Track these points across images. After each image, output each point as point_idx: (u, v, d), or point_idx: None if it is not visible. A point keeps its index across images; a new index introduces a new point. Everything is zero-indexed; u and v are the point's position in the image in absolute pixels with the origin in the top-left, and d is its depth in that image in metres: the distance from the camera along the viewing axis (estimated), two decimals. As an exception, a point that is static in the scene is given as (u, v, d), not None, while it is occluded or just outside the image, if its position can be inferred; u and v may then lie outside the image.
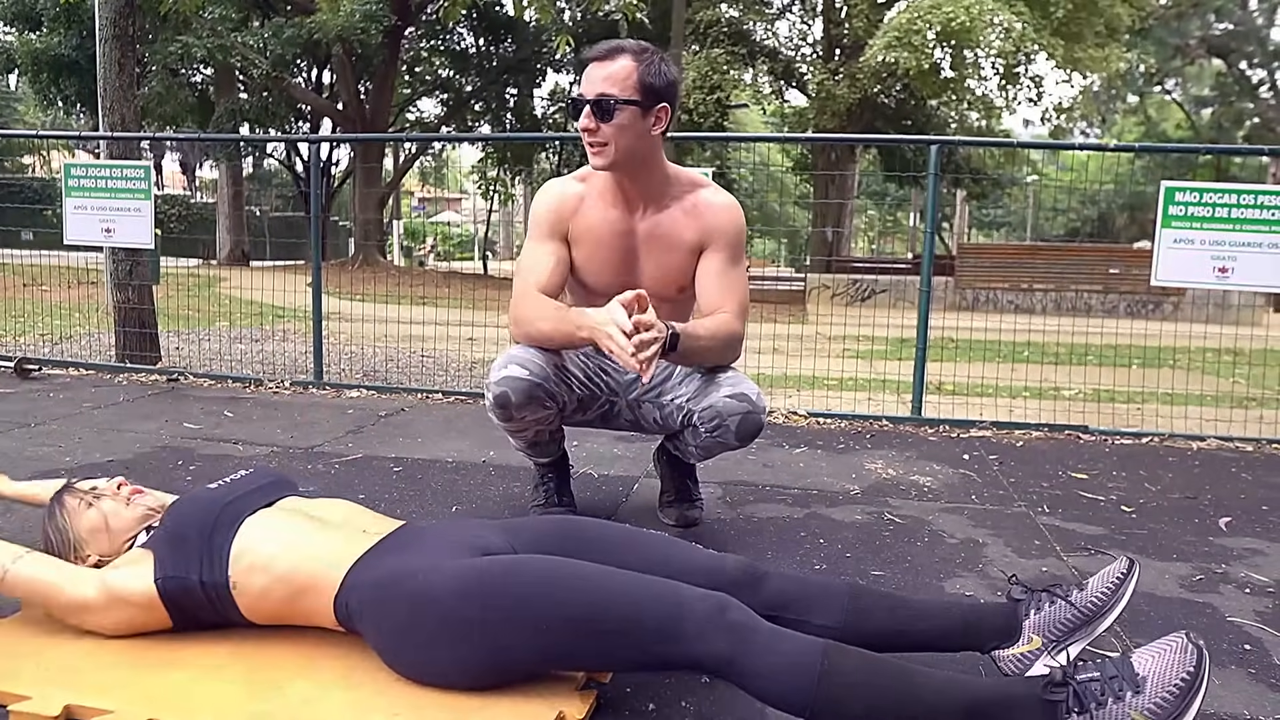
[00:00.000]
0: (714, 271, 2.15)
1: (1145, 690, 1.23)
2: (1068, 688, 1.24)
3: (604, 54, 2.00)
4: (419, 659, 1.45)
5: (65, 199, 4.28)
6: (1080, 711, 1.23)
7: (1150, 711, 1.22)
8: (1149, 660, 1.27)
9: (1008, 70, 15.71)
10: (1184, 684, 1.23)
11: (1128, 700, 1.23)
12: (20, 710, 1.38)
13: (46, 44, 16.91)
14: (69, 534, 1.70)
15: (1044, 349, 6.82)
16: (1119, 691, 1.23)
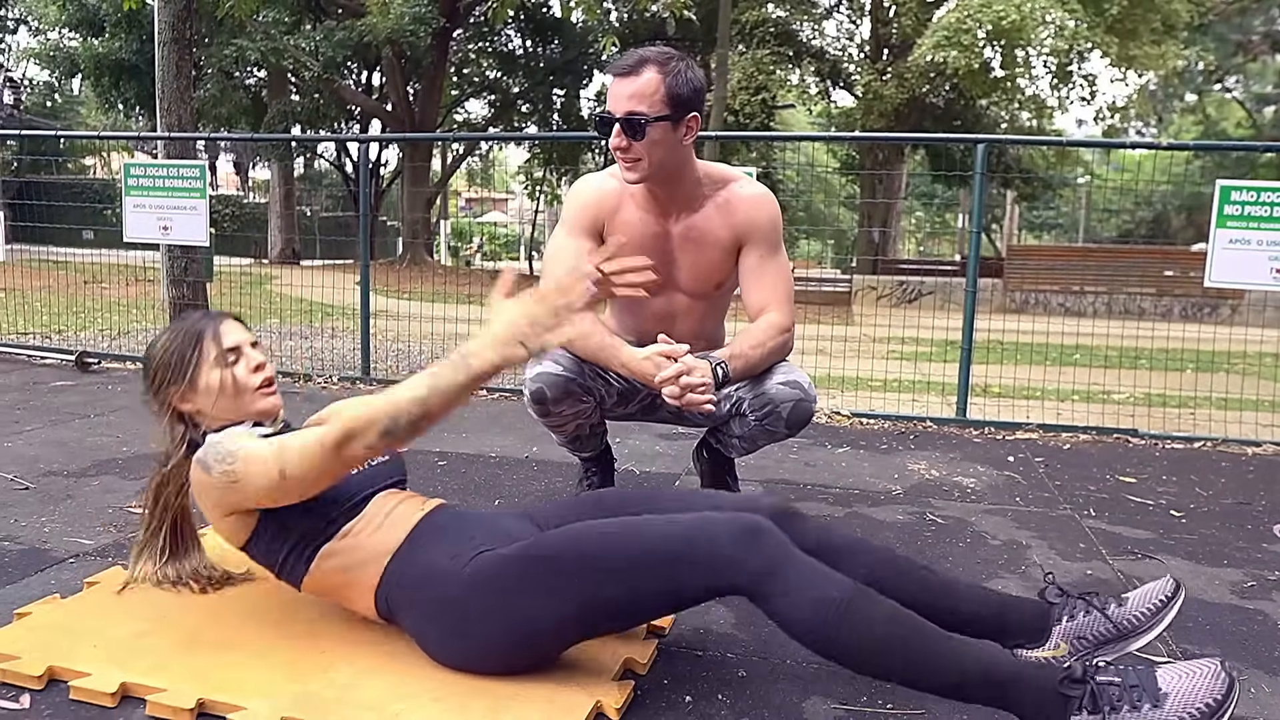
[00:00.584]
0: (754, 268, 2.15)
1: (1164, 706, 1.21)
2: (1085, 686, 1.23)
3: (628, 68, 1.96)
4: (458, 645, 1.47)
5: (125, 198, 4.41)
6: (1093, 712, 1.22)
7: None
8: (1175, 678, 1.24)
9: (1060, 69, 15.43)
10: (1207, 710, 1.20)
11: (1144, 712, 1.21)
12: (79, 686, 1.44)
13: (108, 49, 17.41)
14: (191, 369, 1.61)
15: (1094, 352, 6.69)
16: (1136, 701, 1.22)
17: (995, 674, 1.28)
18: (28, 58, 23.57)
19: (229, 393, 1.61)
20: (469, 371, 1.36)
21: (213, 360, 1.61)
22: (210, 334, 1.62)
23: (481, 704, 1.40)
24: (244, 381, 1.62)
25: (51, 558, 2.02)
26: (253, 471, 1.46)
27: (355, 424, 1.39)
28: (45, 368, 4.47)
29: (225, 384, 1.61)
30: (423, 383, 1.38)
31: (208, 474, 1.51)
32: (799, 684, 1.57)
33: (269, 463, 1.45)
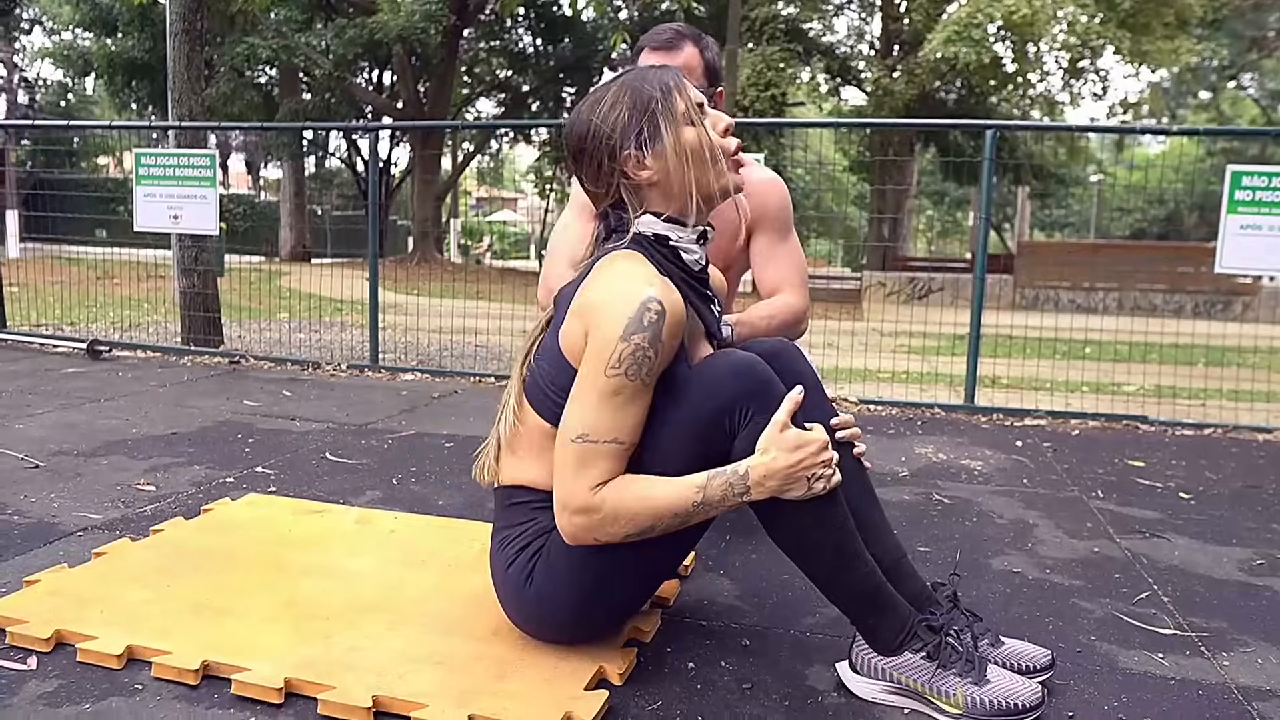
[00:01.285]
0: (765, 251, 2.13)
1: (981, 687, 1.34)
2: (937, 638, 1.37)
3: (668, 43, 1.98)
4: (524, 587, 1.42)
5: (136, 187, 4.44)
6: (928, 659, 1.36)
7: (970, 701, 1.33)
8: (1002, 677, 1.37)
9: (1072, 64, 15.35)
10: (1009, 708, 1.33)
11: (964, 682, 1.34)
12: (86, 648, 1.45)
13: (121, 47, 17.50)
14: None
15: (1105, 347, 6.66)
16: (964, 672, 1.35)
17: (878, 595, 1.37)
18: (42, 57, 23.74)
19: (707, 156, 1.35)
20: (745, 498, 1.29)
21: (682, 114, 1.34)
22: (676, 86, 1.35)
23: (485, 669, 1.41)
24: (718, 144, 1.37)
25: (60, 531, 2.04)
26: (597, 399, 1.26)
27: (613, 520, 1.28)
28: (57, 356, 4.50)
29: (704, 144, 1.35)
30: (690, 496, 1.28)
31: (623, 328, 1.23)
32: (802, 652, 1.57)
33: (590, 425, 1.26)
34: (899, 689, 1.38)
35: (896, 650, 1.37)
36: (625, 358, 1.23)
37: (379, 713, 1.31)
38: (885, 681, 1.39)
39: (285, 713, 1.32)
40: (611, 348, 1.23)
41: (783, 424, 1.29)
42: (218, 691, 1.37)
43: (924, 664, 1.36)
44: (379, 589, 1.70)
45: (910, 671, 1.37)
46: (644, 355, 1.23)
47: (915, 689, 1.37)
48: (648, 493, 1.29)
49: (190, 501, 2.27)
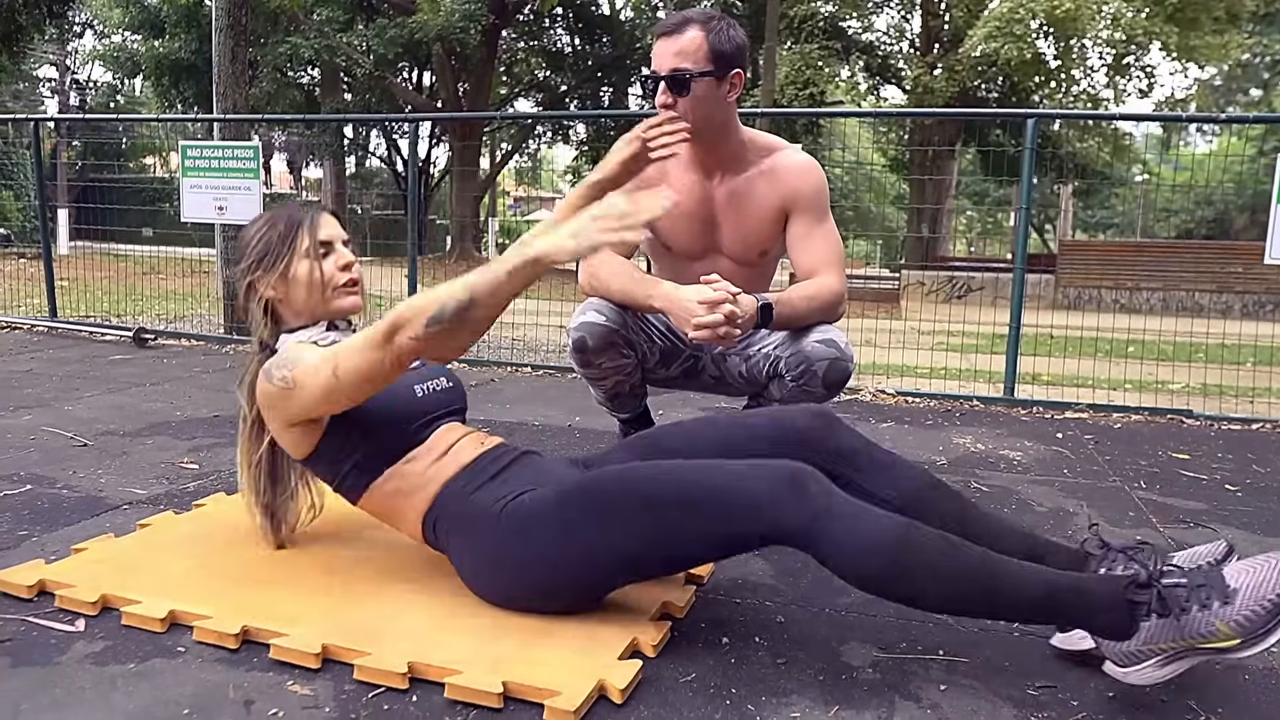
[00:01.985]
0: (802, 235, 2.13)
1: (1234, 602, 1.19)
2: (1152, 589, 1.23)
3: (672, 28, 1.99)
4: (498, 578, 1.49)
5: (182, 179, 4.53)
6: (1162, 615, 1.22)
7: (1237, 624, 1.18)
8: (1242, 574, 1.22)
9: (1117, 60, 15.08)
10: (1275, 602, 1.18)
11: (1214, 609, 1.19)
12: (130, 612, 1.48)
13: (168, 49, 17.87)
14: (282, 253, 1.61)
15: (1149, 347, 6.54)
16: (1205, 600, 1.20)
17: (1058, 590, 1.27)
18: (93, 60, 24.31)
19: (315, 285, 1.61)
20: (517, 259, 1.34)
21: (304, 250, 1.60)
22: (306, 224, 1.62)
23: (518, 637, 1.42)
24: (330, 276, 1.62)
25: (107, 504, 2.08)
26: (308, 376, 1.47)
27: (402, 315, 1.38)
28: (105, 344, 4.60)
29: (313, 276, 1.61)
30: (470, 274, 1.38)
31: (269, 383, 1.51)
32: (837, 630, 1.56)
33: (322, 366, 1.45)
34: (1168, 656, 1.24)
35: (1130, 630, 1.25)
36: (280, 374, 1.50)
37: (413, 678, 1.32)
38: (1151, 659, 1.25)
39: (322, 677, 1.34)
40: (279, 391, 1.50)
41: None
42: (257, 656, 1.39)
43: (1165, 621, 1.22)
44: (414, 560, 1.72)
45: (1161, 636, 1.23)
46: (280, 361, 1.52)
47: (1180, 645, 1.22)
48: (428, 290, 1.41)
49: (231, 479, 2.31)
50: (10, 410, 3.01)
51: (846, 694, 1.34)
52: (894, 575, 1.28)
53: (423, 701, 1.28)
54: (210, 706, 1.25)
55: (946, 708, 1.31)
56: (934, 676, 1.40)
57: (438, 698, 1.29)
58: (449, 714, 1.25)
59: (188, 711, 1.23)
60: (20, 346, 4.44)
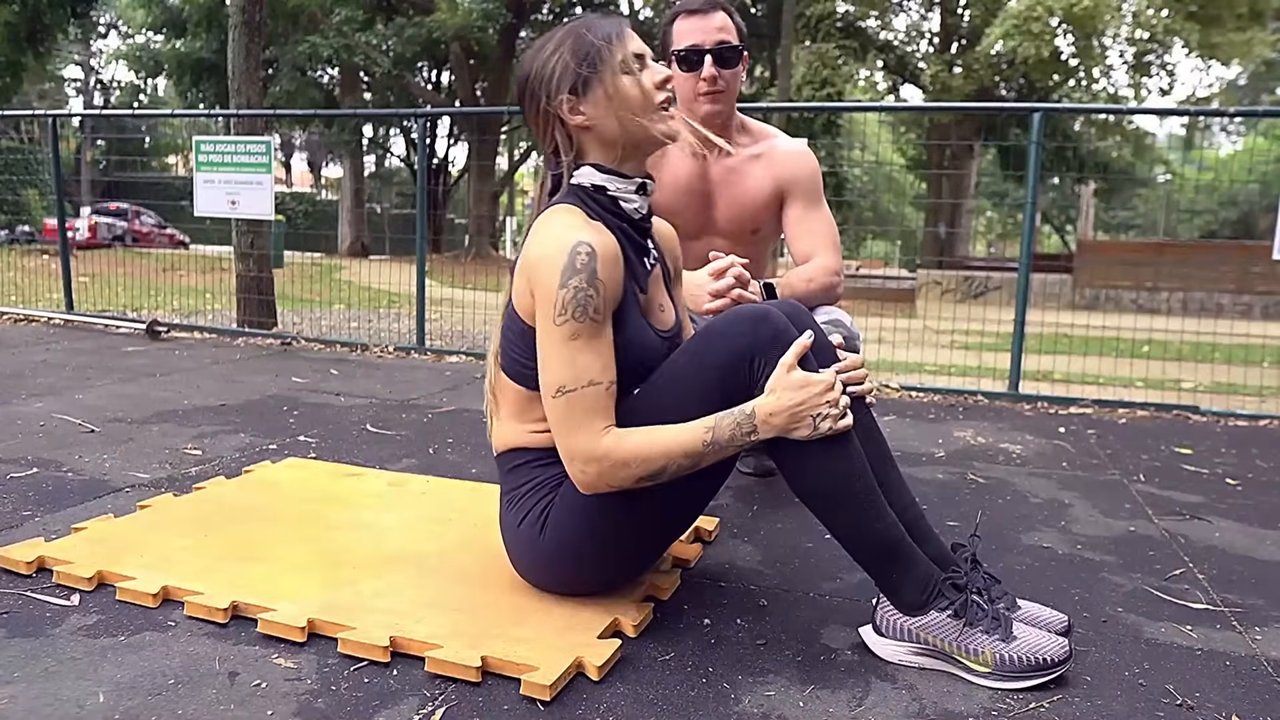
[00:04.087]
0: (798, 219, 2.19)
1: (1009, 644, 1.34)
2: (963, 595, 1.36)
3: (704, 7, 2.09)
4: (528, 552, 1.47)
5: (196, 173, 4.58)
6: (954, 616, 1.35)
7: (1000, 658, 1.33)
8: (1028, 633, 1.36)
9: (1138, 59, 14.94)
10: (1038, 663, 1.33)
11: (992, 640, 1.34)
12: (125, 588, 1.51)
13: (189, 48, 18.05)
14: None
15: (1164, 346, 6.48)
16: (991, 629, 1.34)
17: (899, 550, 1.36)
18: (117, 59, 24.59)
19: (634, 104, 1.38)
20: (752, 437, 1.31)
21: (619, 63, 1.38)
22: (617, 35, 1.40)
23: (501, 616, 1.44)
24: (651, 92, 1.39)
25: (109, 487, 2.12)
26: (564, 349, 1.30)
27: (629, 454, 1.30)
28: (119, 335, 4.67)
29: (633, 91, 1.38)
30: (700, 436, 1.30)
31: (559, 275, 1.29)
32: (820, 613, 1.57)
33: (569, 375, 1.31)
34: (925, 649, 1.37)
35: (921, 608, 1.36)
36: (569, 303, 1.29)
37: (395, 653, 1.35)
38: (911, 643, 1.38)
39: (307, 651, 1.36)
40: (554, 297, 1.29)
41: (790, 365, 1.32)
42: (245, 630, 1.42)
43: (950, 623, 1.34)
44: (405, 542, 1.75)
45: (936, 631, 1.35)
46: (585, 296, 1.29)
47: (942, 648, 1.35)
48: (657, 434, 1.32)
49: (233, 465, 2.35)
50: (22, 398, 3.06)
51: (823, 675, 1.35)
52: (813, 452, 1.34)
53: (403, 675, 1.30)
54: (196, 677, 1.28)
55: (921, 688, 1.32)
56: (912, 659, 1.41)
57: (418, 672, 1.31)
58: (428, 688, 1.27)
59: (174, 682, 1.26)
60: (36, 338, 4.52)
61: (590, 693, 1.27)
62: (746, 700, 1.27)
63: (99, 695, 1.22)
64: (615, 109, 1.38)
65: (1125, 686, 1.34)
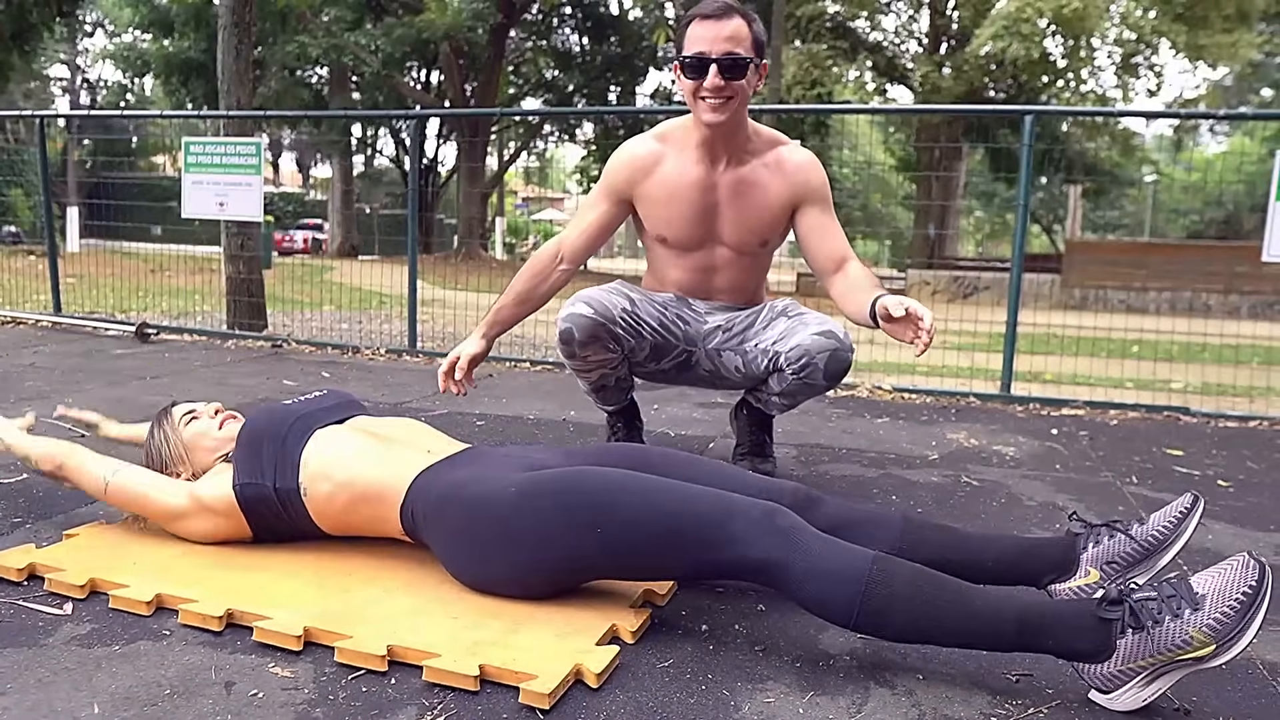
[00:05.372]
0: (819, 224, 2.20)
1: (1204, 607, 1.19)
2: (1123, 605, 1.22)
3: (718, 13, 2.05)
4: (477, 566, 1.51)
5: (184, 174, 4.56)
6: (1136, 629, 1.21)
7: (1209, 628, 1.18)
8: (1208, 580, 1.23)
9: (1125, 60, 15.02)
10: (1245, 599, 1.18)
11: (1186, 617, 1.19)
12: (118, 595, 1.50)
13: (177, 48, 17.97)
14: (166, 449, 1.81)
15: (1153, 346, 6.52)
16: (1177, 609, 1.20)
17: (1031, 617, 1.25)
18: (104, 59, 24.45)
19: (203, 436, 1.80)
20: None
21: (175, 426, 1.82)
22: (162, 417, 1.86)
23: (498, 623, 1.43)
24: (208, 422, 1.83)
25: (101, 493, 2.10)
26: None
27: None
28: (108, 338, 4.64)
29: (196, 433, 1.81)
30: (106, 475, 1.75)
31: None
32: (817, 620, 1.55)
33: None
34: (1149, 674, 1.23)
35: (1106, 650, 1.24)
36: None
37: (393, 661, 1.34)
38: (1132, 679, 1.24)
39: (303, 659, 1.35)
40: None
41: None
42: (240, 638, 1.41)
43: (1139, 637, 1.21)
44: (400, 549, 1.73)
45: (1138, 653, 1.22)
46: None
47: (1159, 660, 1.21)
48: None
49: (226, 469, 2.33)
50: (11, 403, 3.04)
51: (822, 681, 1.35)
52: (863, 607, 1.28)
53: (401, 684, 1.29)
54: (192, 687, 1.26)
55: (920, 694, 1.32)
56: (911, 664, 1.41)
57: (416, 680, 1.30)
58: (426, 696, 1.26)
59: (169, 692, 1.25)
60: (24, 341, 4.48)
61: (589, 701, 1.27)
62: (746, 707, 1.26)
63: (94, 706, 1.21)
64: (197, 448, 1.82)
65: (1123, 691, 1.34)
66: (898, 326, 1.79)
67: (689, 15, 2.11)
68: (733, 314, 2.27)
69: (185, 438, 1.81)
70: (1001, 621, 1.26)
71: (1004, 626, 1.26)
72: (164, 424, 1.85)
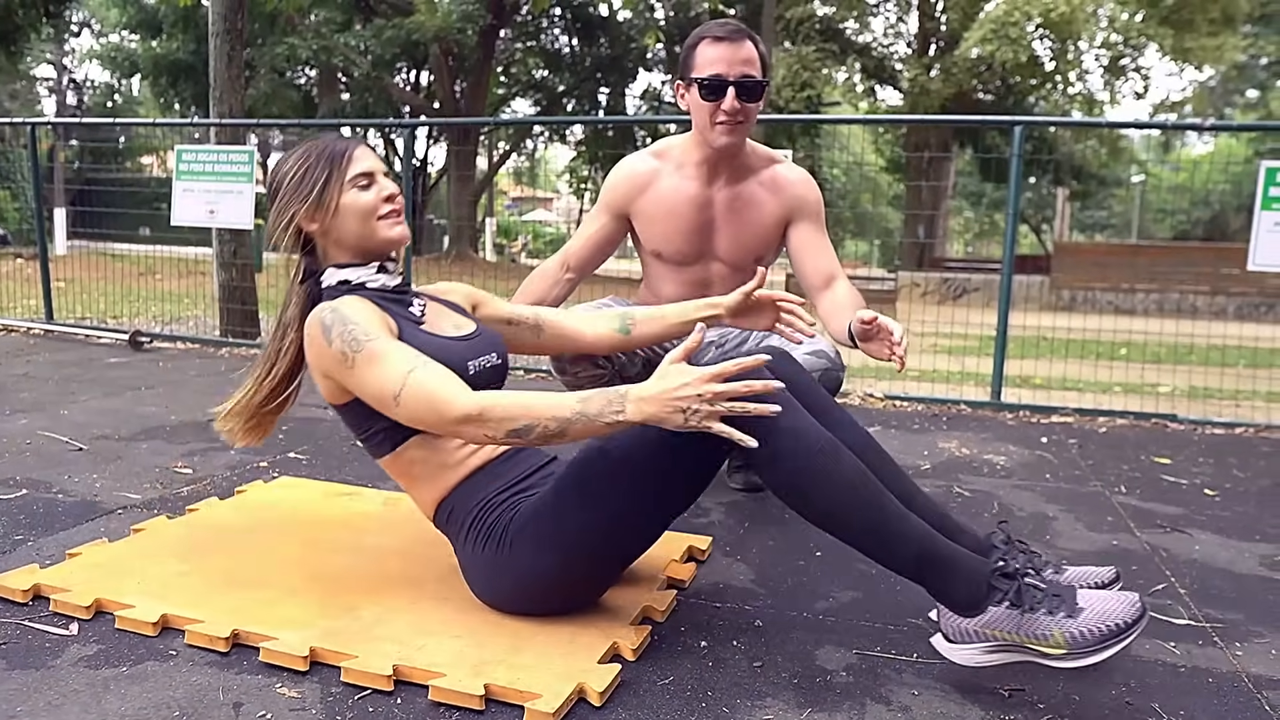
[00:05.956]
0: (811, 241, 2.24)
1: (1077, 619, 1.30)
2: (1015, 582, 1.34)
3: (732, 35, 2.08)
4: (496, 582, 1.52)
5: (175, 182, 4.55)
6: (1013, 605, 1.33)
7: (1071, 637, 1.29)
8: (1095, 600, 1.32)
9: (1113, 62, 15.12)
10: (1111, 630, 1.28)
11: (1058, 619, 1.30)
12: (124, 616, 1.52)
13: (165, 49, 17.89)
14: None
15: (1141, 349, 6.57)
16: (1054, 608, 1.31)
17: (931, 554, 1.36)
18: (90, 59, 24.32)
19: (358, 216, 1.55)
20: (620, 416, 1.33)
21: (346, 181, 1.55)
22: (345, 156, 1.57)
23: (501, 642, 1.45)
24: (373, 206, 1.56)
25: (101, 509, 2.12)
26: (370, 372, 1.42)
27: (492, 410, 1.36)
28: (101, 346, 4.63)
29: (356, 207, 1.55)
30: (571, 405, 1.35)
31: (326, 340, 1.46)
32: (814, 634, 1.59)
33: (389, 379, 1.41)
34: (998, 645, 1.35)
35: (978, 606, 1.34)
36: (342, 346, 1.44)
37: (399, 681, 1.36)
38: (981, 642, 1.36)
39: (310, 680, 1.37)
40: (332, 355, 1.45)
41: (675, 358, 1.35)
42: (246, 659, 1.43)
43: (1011, 613, 1.32)
44: (403, 566, 1.76)
45: (1002, 624, 1.33)
46: (348, 331, 1.45)
47: (1014, 640, 1.33)
48: (527, 396, 1.38)
49: (225, 483, 2.35)
50: (6, 414, 3.04)
51: (820, 697, 1.38)
52: (810, 476, 1.36)
53: (407, 704, 1.32)
54: (201, 709, 1.28)
55: (916, 710, 1.35)
56: (906, 680, 1.44)
57: (421, 700, 1.32)
58: (432, 716, 1.29)
59: (179, 714, 1.27)
60: (17, 349, 4.47)
61: (592, 719, 1.29)
62: (746, 725, 1.29)
63: (105, 729, 1.23)
64: (346, 219, 1.56)
65: (1113, 706, 1.38)
66: (873, 346, 1.81)
67: (699, 34, 2.13)
68: (725, 330, 2.30)
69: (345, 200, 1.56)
70: (906, 545, 1.36)
71: (907, 550, 1.36)
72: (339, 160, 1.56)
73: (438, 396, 1.38)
